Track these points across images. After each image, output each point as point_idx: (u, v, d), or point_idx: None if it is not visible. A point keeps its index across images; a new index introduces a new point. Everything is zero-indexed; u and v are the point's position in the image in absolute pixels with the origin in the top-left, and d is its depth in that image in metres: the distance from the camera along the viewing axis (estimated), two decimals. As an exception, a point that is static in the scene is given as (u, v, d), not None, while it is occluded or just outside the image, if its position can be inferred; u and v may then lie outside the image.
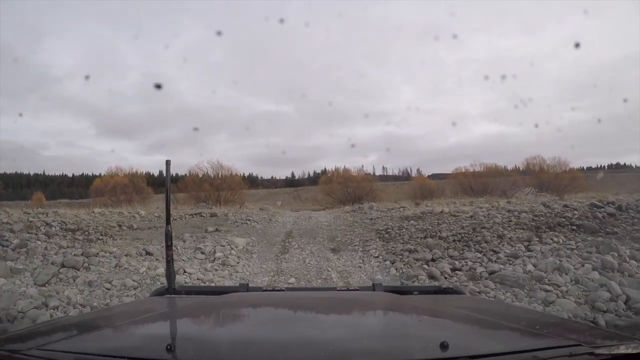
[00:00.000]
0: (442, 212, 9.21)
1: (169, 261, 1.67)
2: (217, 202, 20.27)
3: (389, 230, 7.86)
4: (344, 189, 25.17)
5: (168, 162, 1.72)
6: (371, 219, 9.52)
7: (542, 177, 23.92)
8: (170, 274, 1.63)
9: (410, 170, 60.80)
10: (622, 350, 0.74)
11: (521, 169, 28.43)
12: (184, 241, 7.40)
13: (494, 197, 17.38)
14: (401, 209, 10.66)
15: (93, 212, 11.91)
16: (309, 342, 0.88)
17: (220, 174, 24.44)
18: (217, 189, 23.02)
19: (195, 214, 10.55)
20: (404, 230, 7.72)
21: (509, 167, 29.54)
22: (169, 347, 0.74)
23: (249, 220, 9.62)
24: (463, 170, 27.04)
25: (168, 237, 1.72)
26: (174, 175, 29.03)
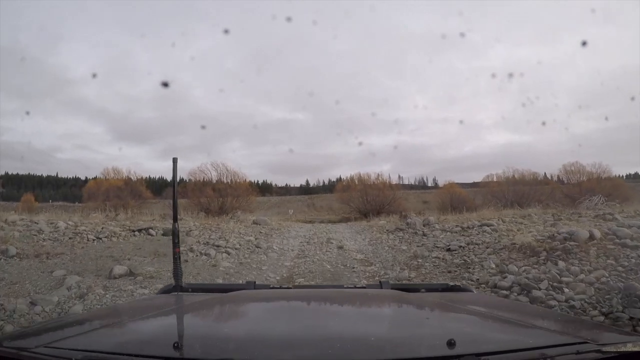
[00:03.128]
0: (591, 237, 4.37)
1: (176, 259, 1.55)
2: (220, 210, 17.01)
3: (531, 291, 3.04)
4: (363, 197, 21.63)
5: (175, 160, 1.62)
6: (448, 248, 4.69)
7: (582, 185, 20.30)
8: (177, 271, 1.51)
9: (427, 179, 56.32)
10: (630, 347, 0.68)
11: (541, 177, 24.90)
12: (34, 304, 2.78)
13: (548, 207, 12.54)
14: (489, 230, 5.73)
15: (6, 220, 7.50)
16: (317, 338, 0.82)
17: (227, 179, 20.41)
18: (220, 195, 19.17)
19: (140, 230, 5.93)
20: (564, 292, 2.91)
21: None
22: (176, 344, 0.69)
23: (217, 245, 4.92)
24: (495, 179, 24.51)
25: (175, 235, 1.60)
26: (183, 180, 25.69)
